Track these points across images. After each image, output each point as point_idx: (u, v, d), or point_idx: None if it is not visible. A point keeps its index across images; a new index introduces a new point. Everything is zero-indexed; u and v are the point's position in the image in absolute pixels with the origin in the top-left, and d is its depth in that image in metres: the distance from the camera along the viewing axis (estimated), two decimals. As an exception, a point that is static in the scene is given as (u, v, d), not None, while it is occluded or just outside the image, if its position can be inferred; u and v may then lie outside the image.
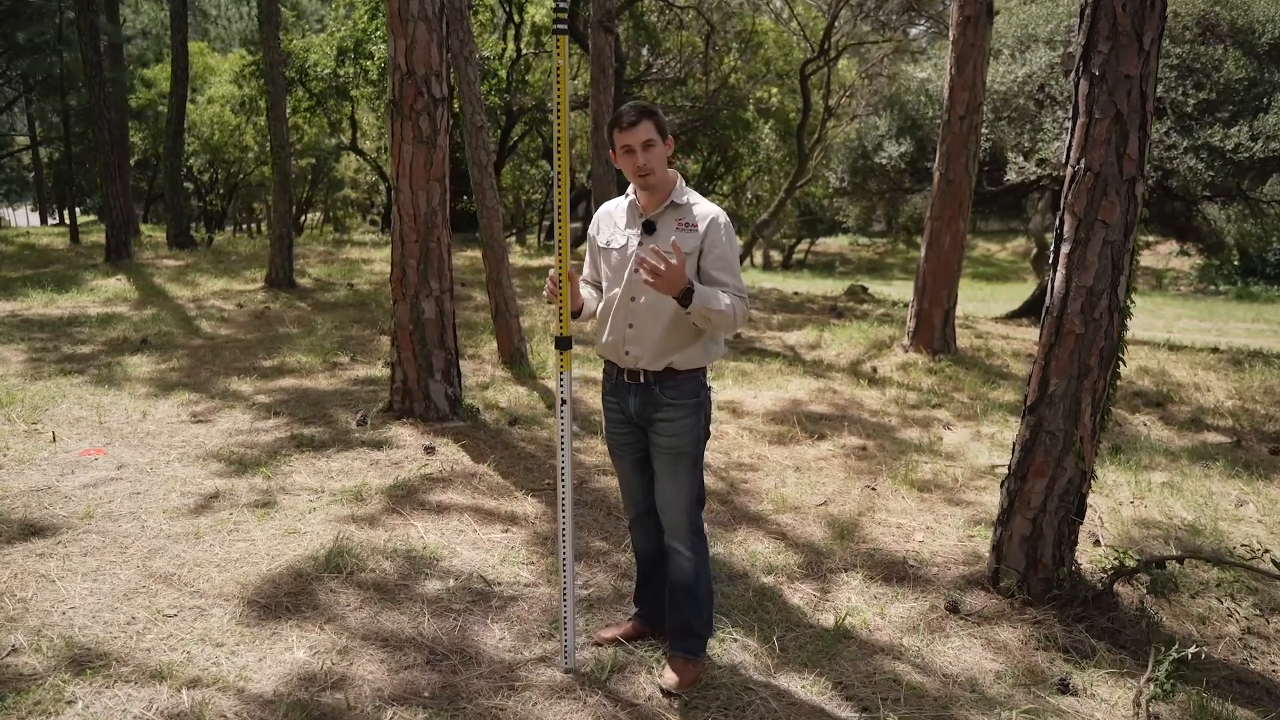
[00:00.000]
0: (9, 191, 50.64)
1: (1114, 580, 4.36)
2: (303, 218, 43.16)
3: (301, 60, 23.17)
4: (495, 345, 9.78)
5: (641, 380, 3.64)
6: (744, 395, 8.69)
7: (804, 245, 47.02)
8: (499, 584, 4.66)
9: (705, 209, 3.53)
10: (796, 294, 17.90)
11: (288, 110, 26.84)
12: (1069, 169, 4.10)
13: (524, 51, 23.15)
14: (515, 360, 9.23)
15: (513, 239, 28.79)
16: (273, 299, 13.45)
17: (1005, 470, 6.75)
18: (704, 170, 29.50)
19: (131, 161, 30.36)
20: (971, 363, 10.21)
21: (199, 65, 30.35)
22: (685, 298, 3.33)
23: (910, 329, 10.49)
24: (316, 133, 29.65)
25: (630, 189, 3.66)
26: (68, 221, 29.03)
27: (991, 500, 6.00)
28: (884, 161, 16.56)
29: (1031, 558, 4.41)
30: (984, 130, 10.92)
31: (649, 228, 3.54)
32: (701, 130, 25.77)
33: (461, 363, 9.36)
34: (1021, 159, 14.19)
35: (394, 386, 7.36)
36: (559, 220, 3.47)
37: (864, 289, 18.71)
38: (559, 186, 3.43)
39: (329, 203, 42.15)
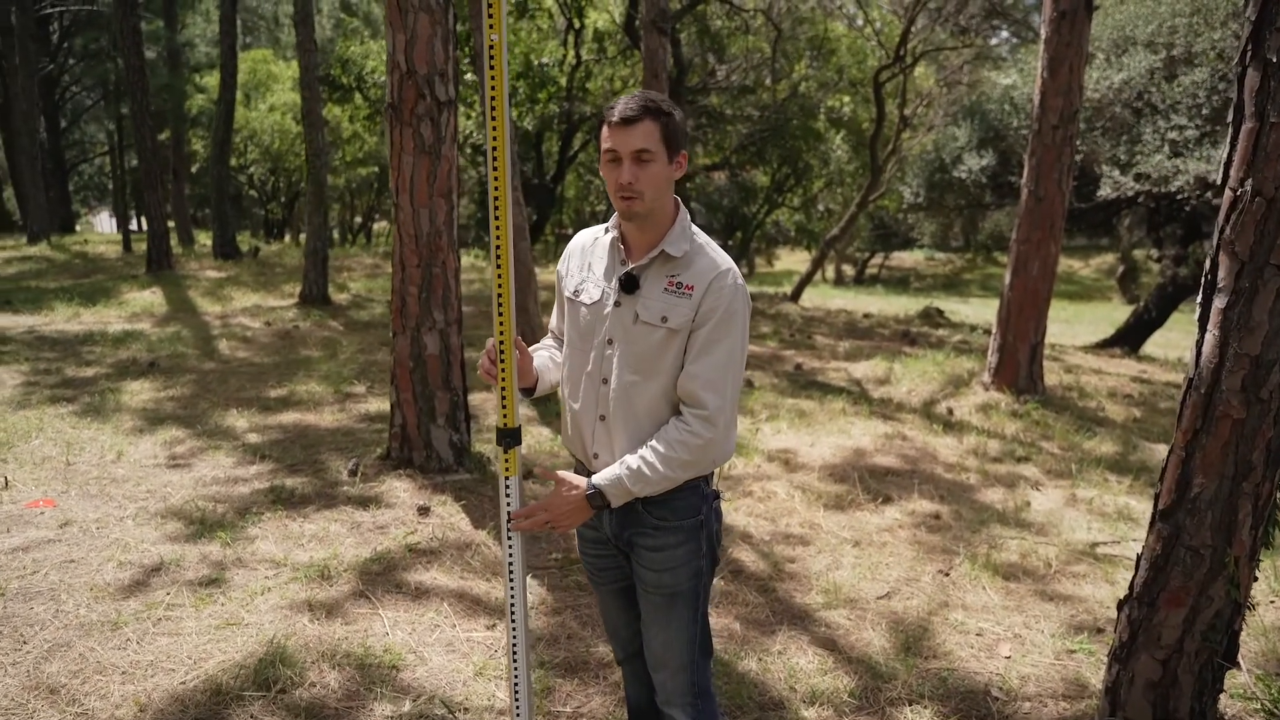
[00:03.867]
0: (86, 197, 51.66)
1: (1277, 749, 3.24)
2: (370, 225, 42.96)
3: (359, 67, 22.56)
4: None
5: None
6: (800, 443, 7.61)
7: (877, 259, 45.58)
8: (466, 709, 3.67)
9: (709, 263, 2.49)
10: (867, 316, 16.74)
11: (346, 118, 26.42)
12: (1227, 192, 3.00)
13: (584, 58, 22.28)
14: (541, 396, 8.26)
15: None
16: (303, 317, 12.69)
17: (1108, 551, 5.65)
18: (773, 182, 28.37)
19: (193, 169, 30.22)
20: (1061, 405, 8.99)
21: (262, 73, 30.08)
22: (599, 501, 2.53)
23: (992, 364, 9.30)
24: (377, 141, 29.14)
25: (613, 220, 2.65)
26: (135, 228, 29.01)
27: (1094, 594, 4.89)
28: (963, 175, 15.33)
29: (1161, 709, 3.30)
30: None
31: (629, 284, 2.52)
32: (770, 140, 24.65)
33: (484, 398, 8.45)
34: (1117, 173, 12.88)
35: (392, 432, 6.44)
36: (497, 259, 2.48)
37: (939, 311, 17.45)
38: (496, 210, 2.44)
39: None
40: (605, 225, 2.68)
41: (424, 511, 5.66)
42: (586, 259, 2.69)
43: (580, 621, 4.46)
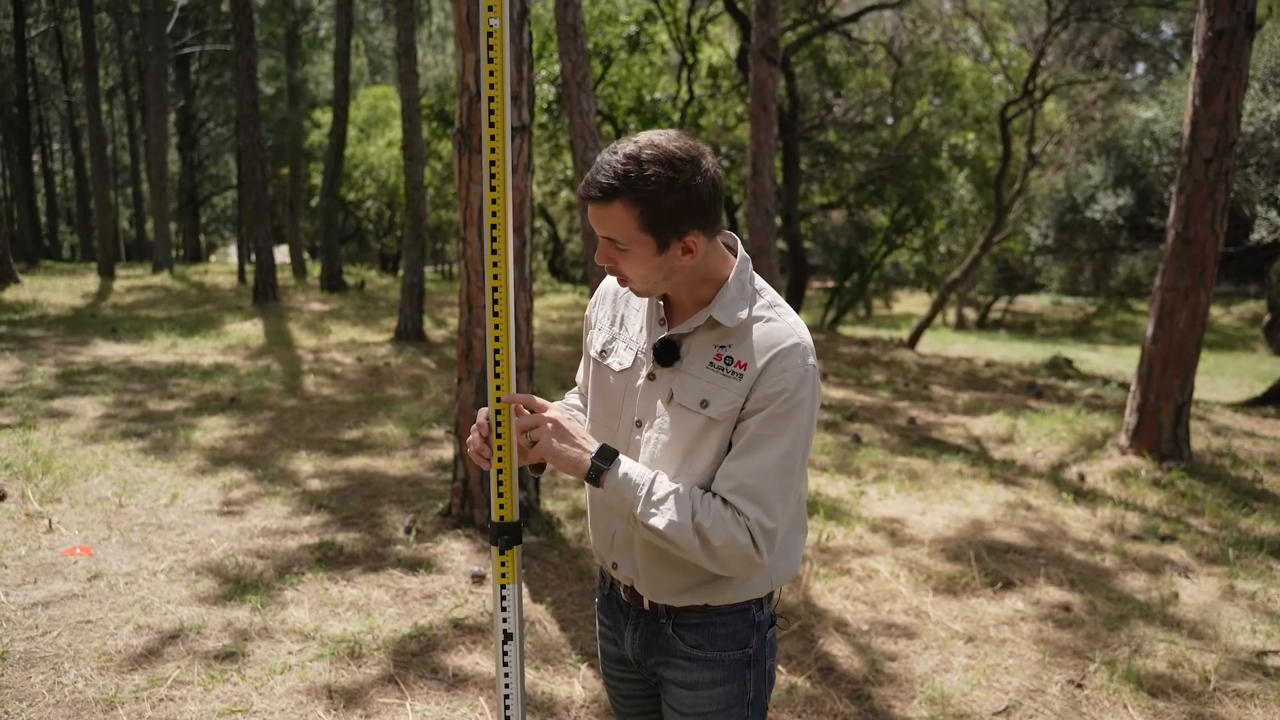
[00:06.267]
0: (219, 229, 53.72)
1: None
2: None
3: (471, 102, 22.56)
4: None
5: (646, 606, 2.00)
6: (909, 510, 6.81)
7: (1000, 304, 43.84)
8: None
9: (773, 333, 1.84)
10: (989, 365, 15.71)
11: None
12: None
13: (697, 93, 21.82)
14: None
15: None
16: (395, 353, 12.39)
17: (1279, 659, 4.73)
18: (893, 222, 27.40)
19: (312, 203, 30.81)
20: (1211, 474, 7.95)
21: (382, 108, 30.54)
22: (594, 474, 1.81)
23: (1130, 425, 8.31)
24: (491, 177, 29.19)
25: None
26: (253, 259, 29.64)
27: (1264, 718, 4.00)
28: (1097, 216, 14.26)
29: None
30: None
31: (667, 353, 1.90)
32: (890, 179, 23.77)
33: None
34: (1274, 214, 11.72)
35: (454, 486, 5.90)
36: (495, 305, 1.90)
37: (1068, 362, 16.31)
38: (494, 241, 1.86)
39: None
40: None
41: (478, 579, 5.09)
42: (619, 310, 2.09)
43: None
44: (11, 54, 29.10)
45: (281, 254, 30.06)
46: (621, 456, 1.83)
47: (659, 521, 1.77)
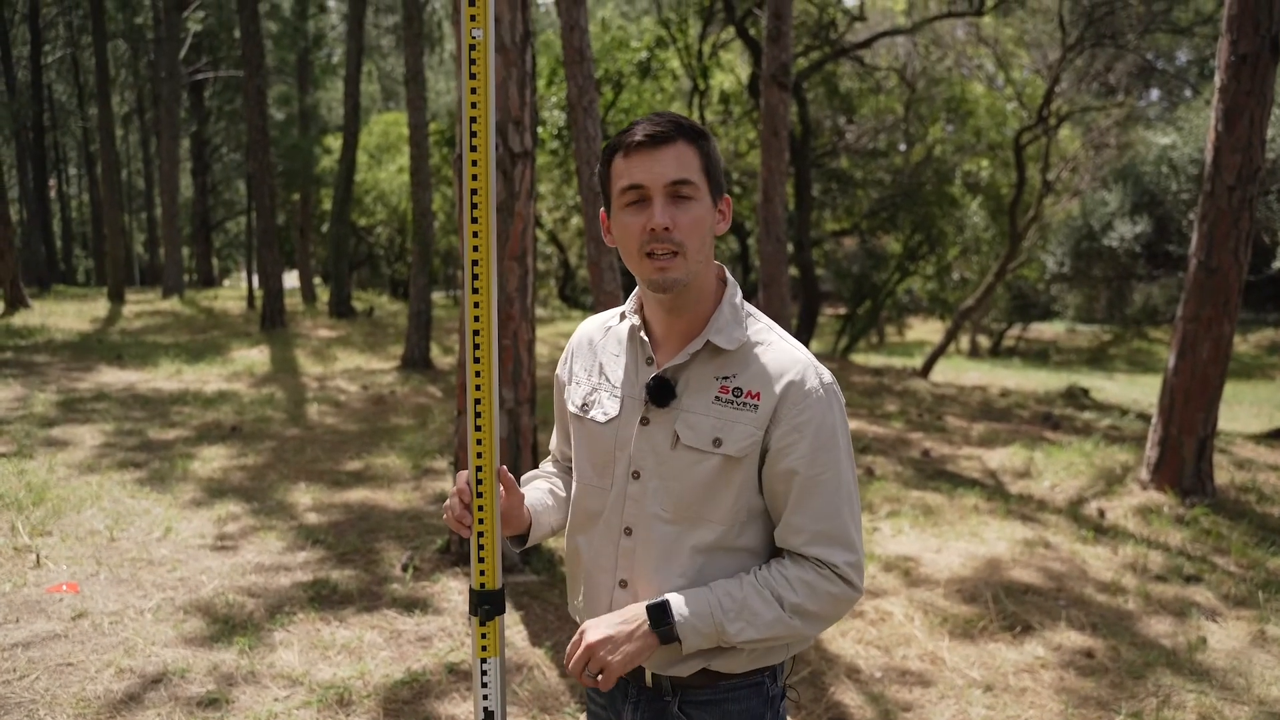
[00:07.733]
0: (231, 254, 53.78)
1: None
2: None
3: (480, 128, 22.51)
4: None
5: (648, 683, 1.83)
6: (924, 548, 6.59)
7: (1014, 331, 43.52)
8: None
9: (780, 358, 1.71)
10: (1004, 394, 15.47)
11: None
12: None
13: (709, 120, 21.74)
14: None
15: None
16: (401, 381, 12.24)
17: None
18: (905, 249, 27.19)
19: (323, 228, 30.82)
20: (1236, 510, 7.70)
21: (393, 134, 30.56)
22: (665, 639, 1.67)
23: (1151, 460, 8.08)
24: (502, 202, 29.14)
25: (632, 299, 1.87)
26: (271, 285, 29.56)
27: (1304, 782, 3.77)
28: (1114, 243, 14.06)
29: None
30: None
31: (661, 393, 1.73)
32: (903, 206, 23.58)
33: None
34: (1296, 243, 11.50)
35: (452, 521, 5.71)
36: (475, 347, 1.73)
37: (1085, 391, 16.03)
38: (476, 274, 1.69)
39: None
40: (620, 309, 1.90)
41: (475, 620, 4.89)
42: (596, 358, 1.92)
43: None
44: (28, 80, 29.27)
45: (292, 279, 30.03)
46: (669, 598, 1.69)
47: (754, 633, 1.66)
